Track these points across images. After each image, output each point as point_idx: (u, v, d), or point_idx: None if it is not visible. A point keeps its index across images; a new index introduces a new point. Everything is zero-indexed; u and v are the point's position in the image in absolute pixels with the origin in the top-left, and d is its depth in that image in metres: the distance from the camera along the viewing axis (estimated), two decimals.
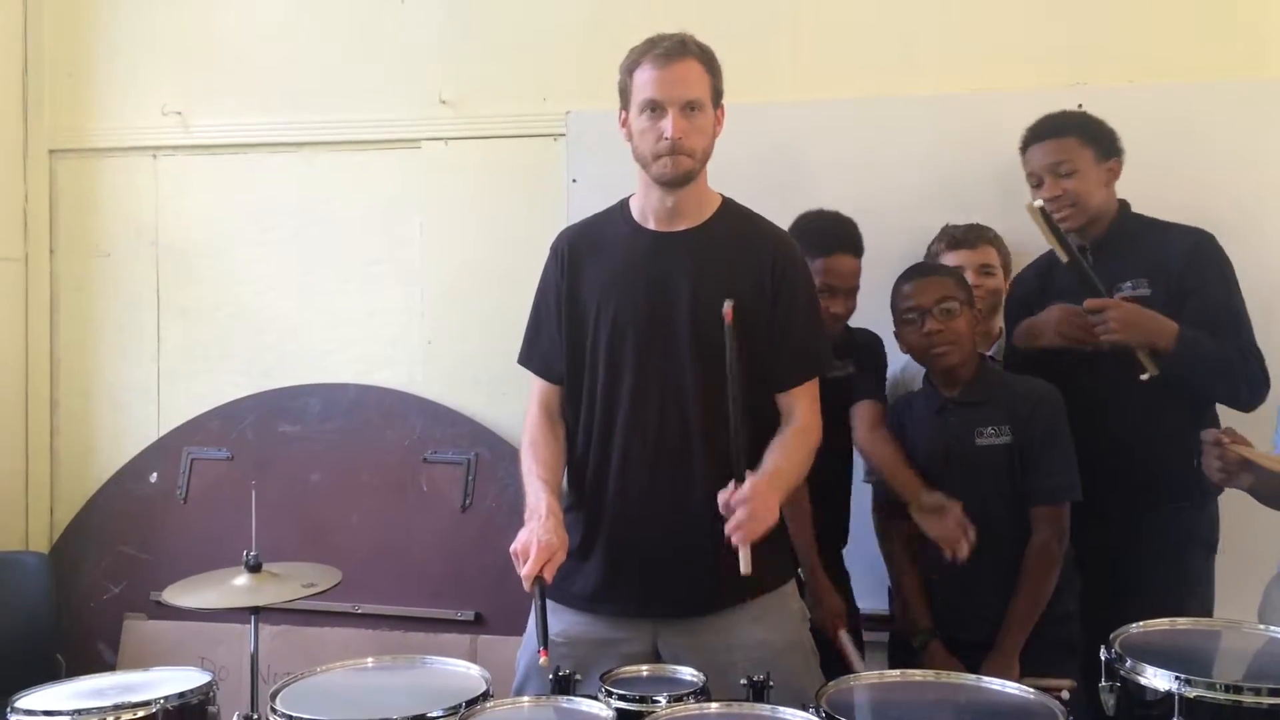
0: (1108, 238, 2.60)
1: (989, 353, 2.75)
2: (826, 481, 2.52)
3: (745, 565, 1.98)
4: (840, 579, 2.72)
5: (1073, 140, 2.56)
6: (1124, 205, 2.64)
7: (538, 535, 2.04)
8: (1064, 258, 2.47)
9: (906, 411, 2.58)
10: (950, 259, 2.76)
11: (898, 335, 2.54)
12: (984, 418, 2.43)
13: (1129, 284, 2.54)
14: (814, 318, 2.27)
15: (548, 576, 2.02)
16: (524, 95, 3.37)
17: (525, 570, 2.01)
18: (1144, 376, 2.40)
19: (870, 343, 2.79)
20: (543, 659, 1.91)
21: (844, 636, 2.57)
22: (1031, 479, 2.40)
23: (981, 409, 2.44)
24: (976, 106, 3.02)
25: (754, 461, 2.11)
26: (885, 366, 2.80)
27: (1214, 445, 2.05)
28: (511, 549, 2.05)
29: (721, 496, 2.00)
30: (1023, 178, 2.69)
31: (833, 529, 2.71)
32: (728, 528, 1.97)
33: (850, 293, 2.71)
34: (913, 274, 2.54)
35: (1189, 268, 2.52)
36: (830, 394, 2.32)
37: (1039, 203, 2.47)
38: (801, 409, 2.20)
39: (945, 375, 2.49)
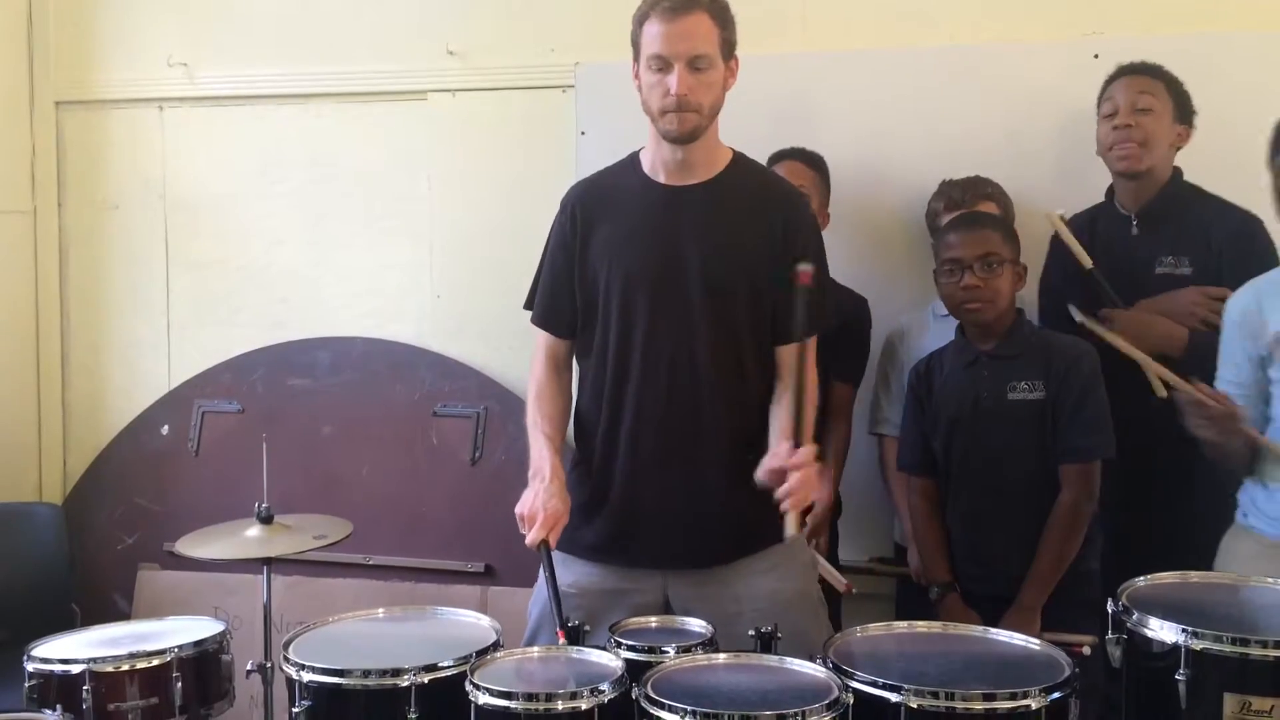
0: (1157, 204, 2.57)
1: None
2: None
3: (792, 527, 1.97)
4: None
5: (1161, 85, 2.57)
6: (1177, 173, 2.61)
7: (543, 501, 2.06)
8: (1085, 266, 2.46)
9: (937, 366, 2.55)
10: (948, 220, 2.73)
11: (936, 282, 2.52)
12: (1017, 372, 2.41)
13: (1170, 259, 2.52)
14: (820, 275, 2.24)
15: (552, 542, 2.05)
16: (532, 46, 3.33)
17: (531, 538, 2.05)
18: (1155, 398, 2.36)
19: (856, 308, 2.83)
20: (561, 641, 1.93)
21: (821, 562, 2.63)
22: (1064, 436, 2.38)
23: (1015, 363, 2.42)
24: (989, 58, 2.97)
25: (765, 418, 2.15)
26: (868, 343, 2.86)
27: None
28: (517, 511, 2.09)
29: (772, 462, 1.99)
30: (1035, 128, 2.67)
31: None
32: (781, 492, 1.96)
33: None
34: (959, 224, 2.49)
35: (1230, 252, 2.48)
36: None
37: (1060, 211, 2.52)
38: (804, 365, 2.18)
39: (979, 329, 2.47)
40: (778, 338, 2.20)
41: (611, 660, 1.82)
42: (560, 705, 1.67)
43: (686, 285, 2.15)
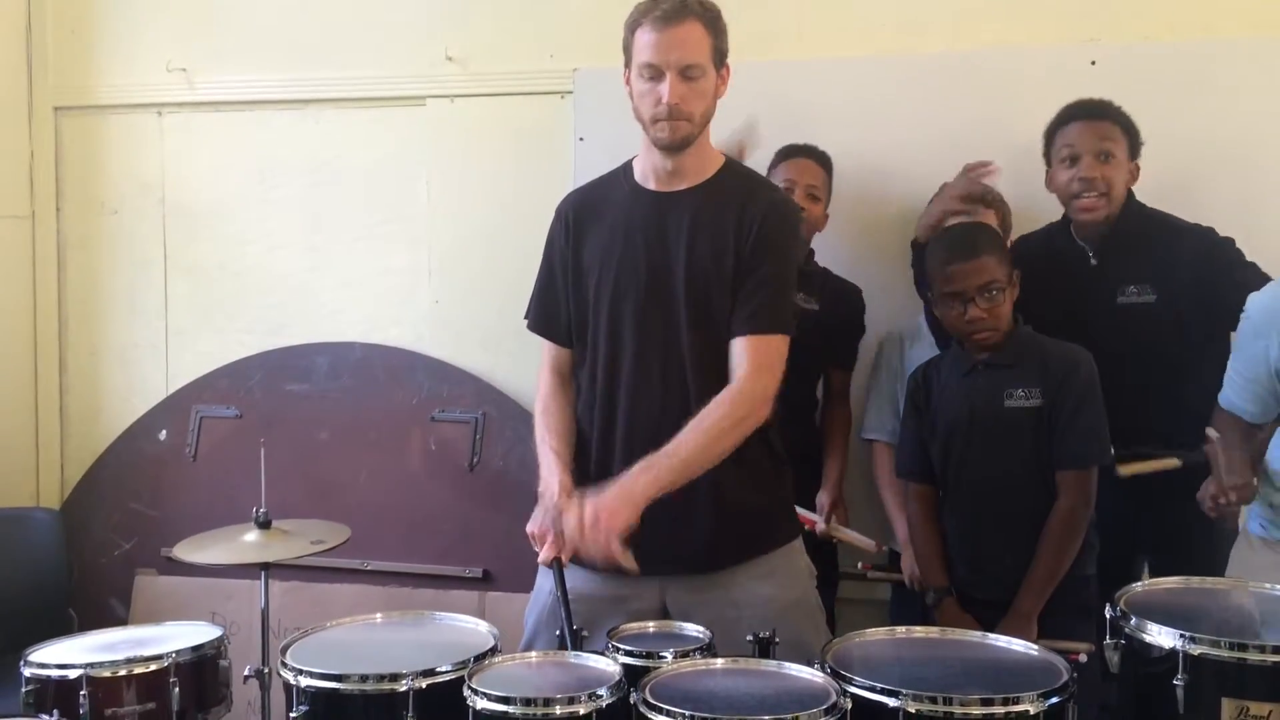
0: (1114, 234, 2.57)
1: None
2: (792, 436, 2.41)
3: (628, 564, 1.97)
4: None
5: (1116, 127, 2.54)
6: (1130, 200, 2.60)
7: (553, 520, 2.06)
8: (1177, 463, 2.41)
9: (934, 374, 2.54)
10: (941, 242, 2.72)
11: (935, 308, 2.51)
12: (1014, 379, 2.41)
13: (1133, 288, 2.53)
14: (783, 278, 2.17)
15: (565, 558, 2.06)
16: (531, 52, 3.34)
17: (543, 556, 2.06)
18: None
19: (849, 297, 2.88)
20: None
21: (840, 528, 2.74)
22: (1061, 444, 2.38)
23: (1012, 371, 2.42)
24: (986, 64, 2.97)
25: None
26: (860, 330, 2.91)
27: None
28: (529, 529, 2.10)
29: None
30: (1032, 135, 2.67)
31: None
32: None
33: (811, 192, 2.79)
34: (955, 255, 2.42)
35: (1199, 276, 2.49)
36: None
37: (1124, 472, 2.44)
38: (746, 368, 2.10)
39: (984, 350, 2.45)
40: (729, 330, 2.14)
41: (609, 665, 1.82)
42: (558, 710, 1.67)
43: (673, 292, 2.15)
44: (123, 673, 2.11)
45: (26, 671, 2.12)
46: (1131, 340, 2.52)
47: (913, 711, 1.63)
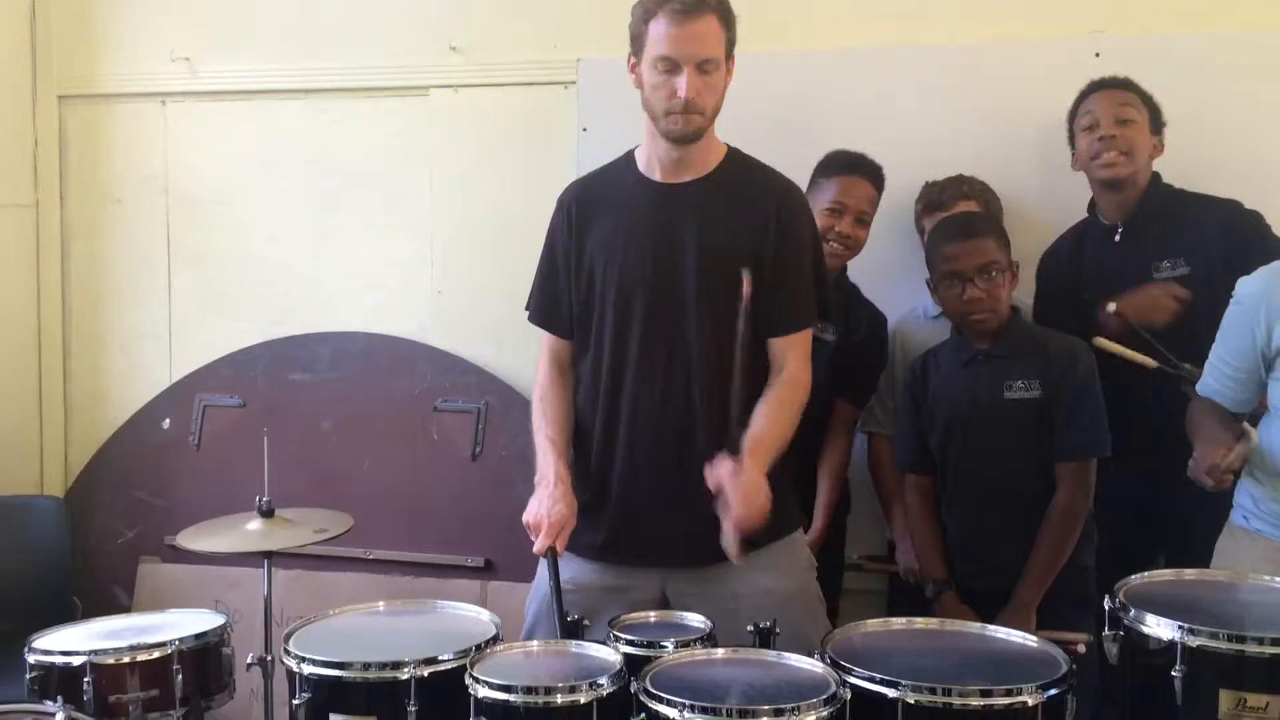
0: (1141, 212, 2.60)
1: None
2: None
3: (734, 554, 1.98)
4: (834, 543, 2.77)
5: (1135, 97, 2.59)
6: (1156, 178, 2.63)
7: (548, 508, 2.08)
8: (1150, 365, 2.44)
9: (933, 364, 2.55)
10: (930, 221, 2.73)
11: (935, 291, 2.51)
12: (1014, 371, 2.41)
13: (1167, 263, 2.54)
14: (814, 268, 2.23)
15: (559, 547, 2.07)
16: (534, 42, 3.33)
17: (538, 545, 2.07)
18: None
19: (875, 327, 2.79)
20: None
21: None
22: (1061, 435, 2.39)
23: (1012, 362, 2.42)
24: (992, 56, 2.98)
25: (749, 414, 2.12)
26: (881, 364, 2.81)
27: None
28: (524, 519, 2.12)
29: (713, 475, 1.99)
30: (1037, 126, 2.67)
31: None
32: (725, 515, 1.97)
33: (861, 217, 2.72)
34: (955, 235, 2.45)
35: (1230, 241, 2.51)
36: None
37: (1111, 307, 2.49)
38: (793, 360, 2.17)
39: (981, 335, 2.46)
40: (768, 330, 2.18)
41: (611, 654, 1.83)
42: (559, 699, 1.68)
43: (682, 284, 2.15)
44: (126, 660, 2.12)
45: (31, 658, 2.14)
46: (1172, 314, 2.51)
47: (912, 702, 1.64)
